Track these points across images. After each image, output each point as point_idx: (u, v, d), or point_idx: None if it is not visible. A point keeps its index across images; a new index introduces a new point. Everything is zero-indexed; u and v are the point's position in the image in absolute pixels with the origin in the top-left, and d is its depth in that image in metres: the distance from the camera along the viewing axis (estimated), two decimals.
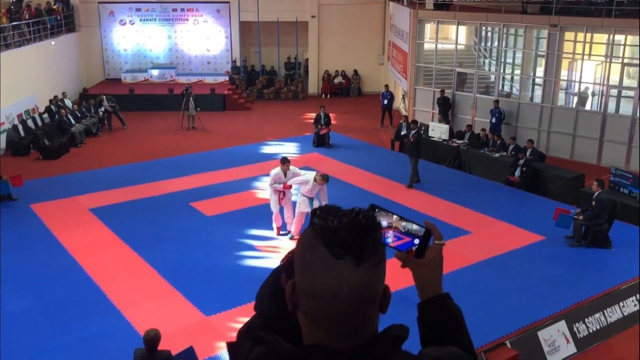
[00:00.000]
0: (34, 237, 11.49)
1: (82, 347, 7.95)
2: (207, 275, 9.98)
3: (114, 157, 17.21)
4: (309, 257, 1.15)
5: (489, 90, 19.82)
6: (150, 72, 25.75)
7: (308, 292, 1.15)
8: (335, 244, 1.12)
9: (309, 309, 1.16)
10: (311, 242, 1.15)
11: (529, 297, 9.36)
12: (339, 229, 1.13)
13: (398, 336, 1.18)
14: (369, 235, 1.15)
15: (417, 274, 1.44)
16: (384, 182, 14.76)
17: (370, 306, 1.17)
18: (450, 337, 1.42)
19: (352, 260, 1.12)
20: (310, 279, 1.14)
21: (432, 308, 1.45)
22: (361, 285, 1.13)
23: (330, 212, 1.18)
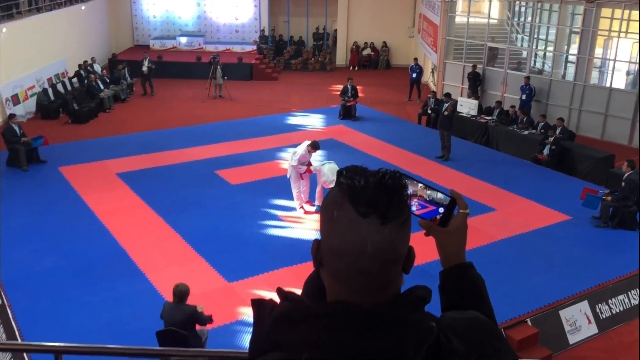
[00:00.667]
0: (61, 199, 11.69)
1: (107, 307, 8.12)
2: (231, 242, 10.08)
3: (142, 124, 17.35)
4: (335, 215, 1.15)
5: (520, 66, 19.46)
6: (178, 39, 25.76)
7: (333, 250, 1.16)
8: (362, 203, 1.13)
9: (334, 267, 1.17)
10: (337, 201, 1.15)
11: (552, 276, 9.30)
12: (365, 188, 1.14)
13: (421, 297, 1.18)
14: (395, 195, 1.15)
15: (441, 242, 1.44)
16: (410, 156, 14.68)
17: (395, 266, 1.18)
18: (472, 305, 1.42)
19: (378, 220, 1.13)
20: (336, 238, 1.15)
21: (455, 276, 1.45)
22: (386, 244, 1.14)
23: (357, 171, 1.18)
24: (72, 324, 7.73)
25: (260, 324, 1.23)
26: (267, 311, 1.21)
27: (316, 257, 1.21)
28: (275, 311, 1.19)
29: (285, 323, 1.16)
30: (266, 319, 1.20)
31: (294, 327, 1.15)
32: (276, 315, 1.18)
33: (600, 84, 18.05)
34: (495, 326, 1.34)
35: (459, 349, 1.18)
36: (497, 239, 10.45)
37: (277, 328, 1.17)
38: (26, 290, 8.49)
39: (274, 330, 1.18)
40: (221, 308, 8.15)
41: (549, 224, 11.15)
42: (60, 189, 12.19)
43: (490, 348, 1.25)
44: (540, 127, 15.25)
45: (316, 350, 1.11)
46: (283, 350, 1.15)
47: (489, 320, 1.35)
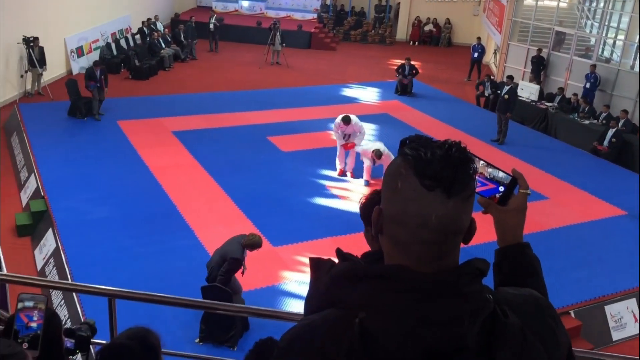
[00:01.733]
0: (118, 152, 12.01)
1: (157, 259, 8.36)
2: (277, 207, 10.19)
3: (199, 84, 17.57)
4: (399, 185, 1.15)
5: (587, 53, 18.77)
6: (240, 2, 25.81)
7: (396, 219, 1.16)
8: (428, 176, 1.12)
9: (395, 235, 1.17)
10: (402, 172, 1.15)
11: (601, 270, 9.08)
12: (432, 161, 1.13)
13: (479, 269, 1.18)
14: (462, 169, 1.14)
15: (499, 221, 1.44)
16: (464, 137, 14.43)
17: (456, 237, 1.18)
18: (527, 284, 1.42)
19: (443, 193, 1.12)
20: (399, 207, 1.15)
21: (511, 254, 1.46)
22: (450, 217, 1.14)
23: (422, 142, 1.17)
24: (121, 272, 7.99)
25: (317, 283, 1.25)
26: (325, 270, 1.23)
27: (377, 224, 1.21)
28: (333, 270, 1.21)
29: (344, 282, 1.18)
30: (324, 278, 1.22)
31: (352, 287, 1.16)
32: (335, 273, 1.20)
33: None
34: (551, 305, 1.33)
35: (515, 324, 1.18)
36: (547, 227, 10.24)
37: (335, 286, 1.19)
38: (80, 237, 8.80)
39: (331, 289, 1.20)
40: (264, 270, 8.29)
41: (603, 217, 10.85)
42: (117, 142, 12.51)
43: (546, 326, 1.25)
44: (603, 118, 14.76)
45: (372, 310, 1.13)
46: (339, 308, 1.17)
47: (545, 299, 1.35)
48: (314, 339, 1.18)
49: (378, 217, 1.21)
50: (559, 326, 1.29)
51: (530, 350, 1.18)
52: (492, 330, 1.14)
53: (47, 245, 8.86)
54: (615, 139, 13.63)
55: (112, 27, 19.91)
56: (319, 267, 1.27)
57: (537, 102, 16.23)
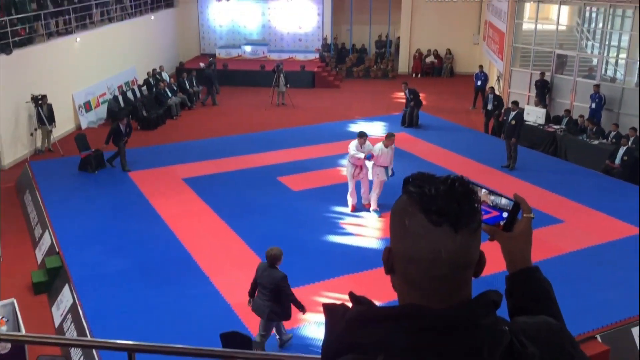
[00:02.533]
0: (130, 203, 12.07)
1: (174, 308, 8.32)
2: (292, 248, 10.12)
3: (207, 130, 17.74)
4: (407, 223, 1.17)
5: (591, 73, 18.83)
6: (243, 48, 26.25)
7: (406, 257, 1.18)
8: (434, 211, 1.14)
9: (407, 272, 1.19)
10: (408, 210, 1.17)
11: (623, 292, 8.91)
12: (436, 197, 1.15)
13: (493, 301, 1.19)
14: (467, 202, 1.16)
15: (506, 247, 1.46)
16: (475, 165, 14.43)
17: (467, 271, 1.19)
18: (540, 308, 1.43)
19: (451, 227, 1.14)
20: (409, 245, 1.17)
21: (521, 280, 1.46)
22: (459, 250, 1.15)
23: (425, 179, 1.19)
24: (139, 323, 7.94)
25: (333, 328, 1.25)
26: (340, 314, 1.24)
27: (387, 263, 1.23)
28: (349, 313, 1.22)
29: (360, 325, 1.18)
30: (339, 322, 1.22)
31: (369, 329, 1.17)
32: (350, 317, 1.21)
33: None
34: (566, 330, 1.34)
35: (534, 354, 1.19)
36: (566, 251, 10.12)
37: (351, 330, 1.19)
38: (96, 290, 8.80)
39: (348, 333, 1.20)
40: None
41: (621, 237, 10.72)
42: (129, 193, 12.59)
43: (564, 353, 1.26)
44: (612, 137, 14.71)
45: (391, 351, 1.13)
46: (357, 352, 1.17)
47: (560, 325, 1.35)
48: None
49: (388, 256, 1.23)
50: (577, 351, 1.29)
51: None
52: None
53: (64, 301, 8.84)
54: (626, 156, 13.56)
55: (118, 80, 20.26)
56: (333, 312, 1.27)
57: (544, 126, 16.22)
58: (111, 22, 20.74)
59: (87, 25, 19.23)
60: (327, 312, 1.28)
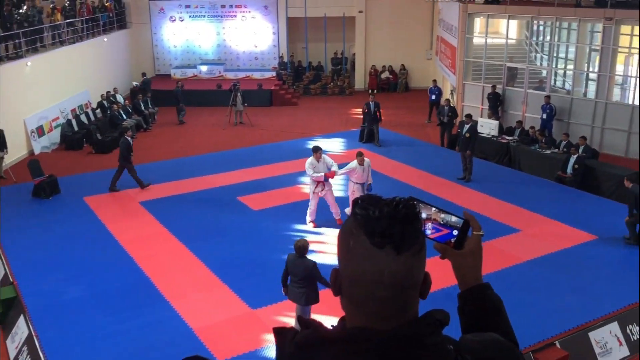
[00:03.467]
0: (87, 229, 11.82)
1: (135, 336, 8.15)
2: (254, 268, 10.09)
3: (164, 152, 17.55)
4: (351, 245, 1.18)
5: (541, 85, 19.37)
6: (199, 68, 26.14)
7: (351, 279, 1.20)
8: (377, 234, 1.16)
9: (352, 294, 1.21)
10: (353, 232, 1.19)
11: (580, 298, 9.14)
12: (380, 219, 1.16)
13: (439, 320, 1.21)
14: (410, 225, 1.18)
15: (457, 265, 1.47)
16: (432, 178, 14.63)
17: (411, 292, 1.21)
18: (491, 325, 1.44)
19: (393, 250, 1.16)
20: (353, 267, 1.18)
21: (473, 297, 1.48)
22: (402, 272, 1.17)
23: (371, 201, 1.21)
24: (99, 353, 7.76)
25: (282, 352, 1.26)
26: (289, 339, 1.25)
27: (335, 285, 1.25)
28: (296, 338, 1.23)
29: (307, 349, 1.20)
30: (288, 346, 1.24)
31: (316, 353, 1.18)
32: (297, 342, 1.22)
33: (623, 100, 17.89)
34: (515, 348, 1.36)
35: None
36: (523, 260, 10.31)
37: (298, 354, 1.21)
38: (53, 320, 8.56)
39: (295, 356, 1.21)
40: (245, 335, 8.14)
41: (575, 244, 11.00)
42: (85, 219, 12.33)
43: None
44: (563, 146, 15.12)
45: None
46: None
47: (508, 342, 1.36)
48: None
49: (336, 278, 1.24)
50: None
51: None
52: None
53: (20, 333, 8.58)
54: (577, 165, 13.94)
55: (71, 104, 19.91)
56: (282, 336, 1.28)
57: (497, 137, 16.57)
58: (63, 45, 20.40)
59: (38, 49, 18.88)
60: (276, 336, 1.29)
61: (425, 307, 1.23)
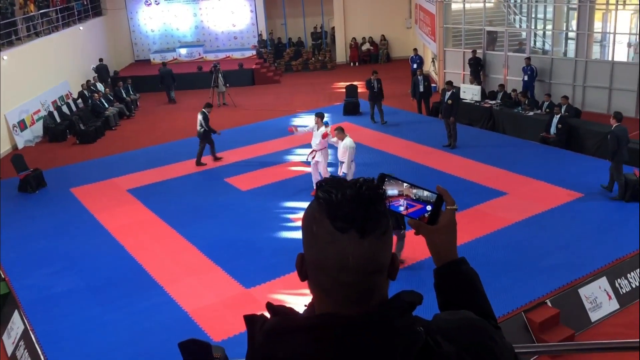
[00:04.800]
0: (75, 220, 11.79)
1: (130, 323, 8.18)
2: (246, 249, 10.12)
3: (148, 138, 17.45)
4: (314, 230, 1.16)
5: (521, 47, 19.35)
6: (178, 51, 25.88)
7: (316, 264, 1.17)
8: (339, 217, 1.13)
9: (318, 280, 1.18)
10: (316, 216, 1.16)
11: (568, 255, 9.25)
12: (342, 203, 1.13)
13: (408, 302, 1.19)
14: (373, 208, 1.14)
15: (431, 241, 1.44)
16: (417, 147, 14.65)
17: (378, 276, 1.18)
18: (466, 301, 1.41)
19: (357, 233, 1.13)
20: (317, 252, 1.16)
21: (448, 273, 1.45)
22: (367, 256, 1.14)
23: (334, 184, 1.18)
24: (96, 343, 7.80)
25: (252, 339, 1.24)
26: (258, 326, 1.23)
27: (301, 270, 1.23)
28: (265, 326, 1.21)
29: (275, 337, 1.18)
30: (257, 334, 1.22)
31: (285, 340, 1.17)
32: (266, 329, 1.20)
33: (602, 58, 17.93)
34: (488, 325, 1.32)
35: (450, 352, 1.18)
36: (511, 222, 10.40)
37: (267, 342, 1.19)
38: (47, 313, 8.58)
39: (265, 344, 1.19)
40: (241, 314, 8.17)
41: (562, 203, 11.10)
42: (73, 210, 12.29)
43: (483, 348, 1.24)
44: (546, 107, 15.18)
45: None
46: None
47: (481, 320, 1.33)
48: None
49: (301, 263, 1.22)
50: (499, 344, 1.27)
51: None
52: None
53: (15, 329, 8.60)
54: (560, 124, 14.00)
55: (52, 95, 19.69)
56: (252, 323, 1.25)
57: (480, 102, 16.60)
58: (38, 36, 20.10)
59: (13, 42, 18.60)
60: (247, 324, 1.27)
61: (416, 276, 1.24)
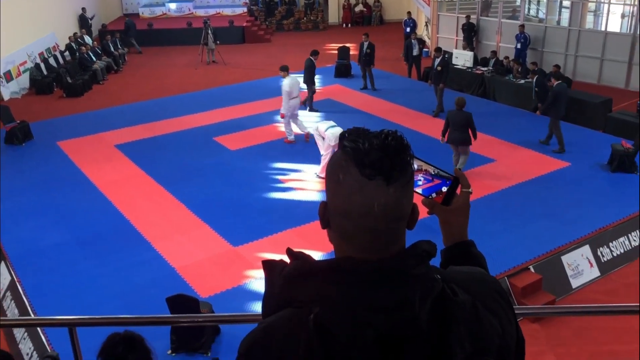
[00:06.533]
0: (63, 174, 11.72)
1: (117, 278, 8.23)
2: (234, 208, 10.15)
3: (136, 93, 17.26)
4: (341, 178, 1.18)
5: (515, 14, 19.23)
6: (167, 5, 25.41)
7: (340, 211, 1.19)
8: (367, 165, 1.16)
9: (342, 226, 1.21)
10: (342, 164, 1.18)
11: (553, 223, 9.39)
12: (369, 151, 1.16)
13: (426, 250, 1.22)
14: (399, 156, 1.18)
15: (444, 220, 1.50)
16: (407, 112, 14.65)
17: (400, 223, 1.21)
18: None
19: (383, 181, 1.16)
20: (343, 199, 1.18)
21: (457, 253, 1.50)
22: (392, 203, 1.17)
23: (359, 134, 1.20)
24: (83, 296, 7.85)
25: (271, 284, 1.27)
26: (278, 271, 1.25)
27: (323, 218, 1.25)
28: (285, 269, 1.23)
29: (296, 280, 1.21)
30: (277, 278, 1.24)
31: (305, 283, 1.19)
32: (287, 273, 1.23)
33: (596, 28, 17.87)
34: (499, 282, 1.37)
35: (466, 300, 1.21)
36: (498, 189, 10.52)
37: (288, 285, 1.22)
38: (35, 265, 8.59)
39: (285, 288, 1.22)
40: (228, 272, 8.28)
41: (549, 172, 11.21)
42: (60, 164, 12.21)
43: (494, 301, 1.28)
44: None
45: (326, 303, 1.15)
46: (295, 306, 1.19)
47: (491, 275, 1.38)
48: (272, 342, 1.19)
49: (324, 211, 1.24)
50: (508, 303, 1.32)
51: (484, 324, 1.21)
52: (444, 309, 1.17)
53: (2, 280, 8.59)
54: (537, 87, 13.71)
55: (38, 47, 19.31)
56: (271, 269, 1.28)
57: (472, 69, 16.54)
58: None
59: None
60: (266, 269, 1.29)
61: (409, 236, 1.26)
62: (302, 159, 11.87)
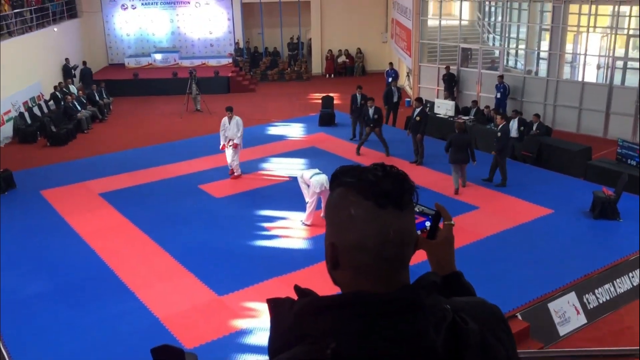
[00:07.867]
0: (45, 223, 11.59)
1: (99, 328, 8.06)
2: (218, 256, 10.07)
3: (121, 142, 17.27)
4: (353, 212, 1.21)
5: (494, 65, 19.72)
6: (153, 56, 25.71)
7: (355, 245, 1.22)
8: (380, 195, 1.20)
9: (356, 261, 1.23)
10: (351, 199, 1.22)
11: (538, 270, 9.42)
12: (377, 182, 1.21)
13: (434, 281, 1.25)
14: (407, 181, 1.24)
15: (432, 254, 1.53)
16: (389, 160, 14.77)
17: (411, 247, 1.26)
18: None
19: (396, 208, 1.21)
20: (357, 233, 1.21)
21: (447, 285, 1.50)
22: (405, 228, 1.23)
23: (356, 169, 1.25)
24: (64, 347, 7.66)
25: (278, 322, 1.26)
26: (287, 308, 1.25)
27: (332, 258, 1.26)
28: (296, 305, 1.23)
29: (309, 315, 1.20)
30: (286, 316, 1.23)
31: (318, 319, 1.18)
32: (299, 308, 1.22)
33: (573, 78, 18.36)
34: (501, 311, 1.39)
35: (475, 329, 1.24)
36: (482, 236, 10.57)
37: (300, 322, 1.20)
38: (15, 316, 8.39)
39: (297, 324, 1.21)
40: (212, 322, 8.15)
41: (532, 219, 11.30)
42: (44, 213, 12.08)
43: (501, 330, 1.31)
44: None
45: (342, 338, 1.15)
46: (308, 342, 1.17)
47: (493, 304, 1.40)
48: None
49: (332, 251, 1.25)
50: (510, 330, 1.35)
51: (493, 351, 1.25)
52: (456, 337, 1.20)
53: None
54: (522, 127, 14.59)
55: (23, 96, 19.35)
56: (278, 307, 1.27)
57: (454, 117, 16.81)
58: (12, 36, 19.78)
59: None
60: (272, 307, 1.28)
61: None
62: (287, 206, 11.87)
